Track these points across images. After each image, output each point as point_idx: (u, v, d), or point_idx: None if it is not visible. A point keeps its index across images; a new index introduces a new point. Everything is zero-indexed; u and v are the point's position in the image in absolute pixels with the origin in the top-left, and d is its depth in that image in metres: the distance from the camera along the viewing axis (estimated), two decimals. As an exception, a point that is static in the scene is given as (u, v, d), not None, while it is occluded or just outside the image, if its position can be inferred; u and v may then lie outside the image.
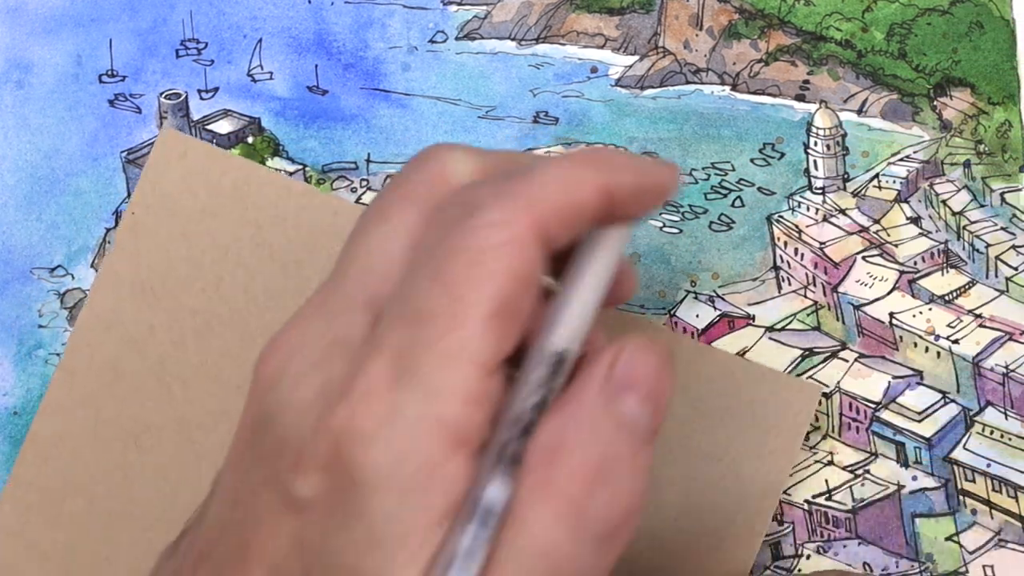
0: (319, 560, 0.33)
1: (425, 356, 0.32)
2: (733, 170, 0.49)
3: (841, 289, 0.49)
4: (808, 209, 0.49)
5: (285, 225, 0.48)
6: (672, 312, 0.49)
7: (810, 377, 0.48)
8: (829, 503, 0.48)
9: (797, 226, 0.49)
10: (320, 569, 0.33)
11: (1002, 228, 0.49)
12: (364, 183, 0.50)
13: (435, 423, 0.32)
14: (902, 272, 0.49)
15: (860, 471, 0.48)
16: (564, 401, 0.33)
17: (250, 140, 0.50)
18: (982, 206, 0.49)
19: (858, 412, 0.48)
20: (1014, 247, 0.49)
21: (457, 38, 0.50)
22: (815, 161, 0.49)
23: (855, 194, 0.49)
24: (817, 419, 0.48)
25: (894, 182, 0.49)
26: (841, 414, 0.48)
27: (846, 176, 0.49)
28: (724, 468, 0.47)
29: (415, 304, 0.33)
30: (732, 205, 0.49)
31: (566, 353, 0.33)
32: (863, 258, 0.49)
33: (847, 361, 0.48)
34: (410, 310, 0.33)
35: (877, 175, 0.49)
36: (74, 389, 0.48)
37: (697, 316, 0.48)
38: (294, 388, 0.34)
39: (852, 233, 0.49)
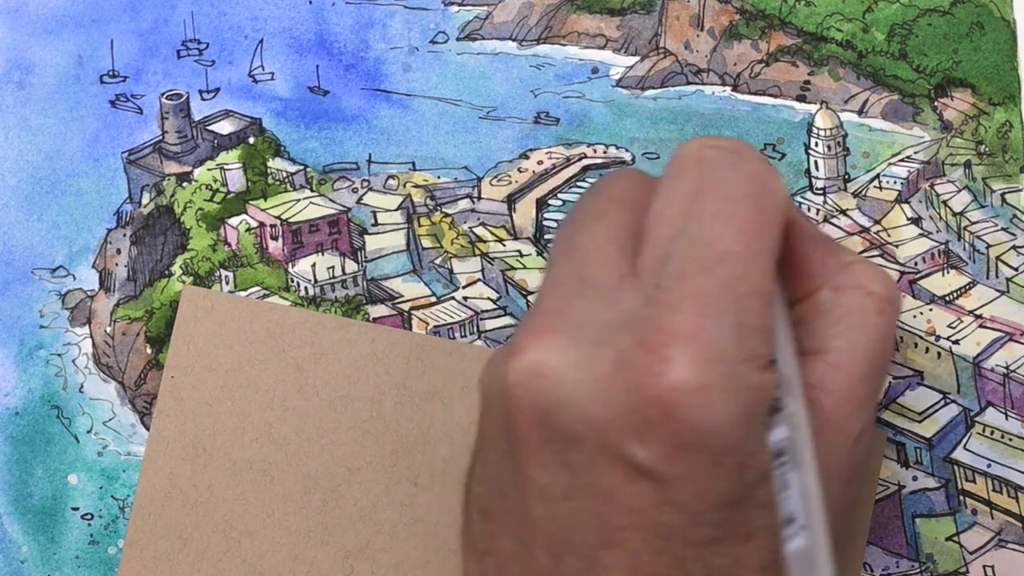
0: (692, 519, 0.34)
1: (729, 296, 0.34)
2: (734, 171, 0.49)
3: (842, 289, 0.49)
4: (809, 210, 0.49)
5: (325, 361, 0.48)
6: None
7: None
8: (830, 503, 0.48)
9: (798, 227, 0.49)
10: (693, 526, 0.35)
11: (1003, 229, 0.49)
12: (365, 183, 0.50)
13: (755, 357, 0.34)
14: (903, 273, 0.49)
15: (861, 471, 0.48)
16: None
17: (251, 141, 0.50)
18: (983, 207, 0.49)
19: (859, 412, 0.48)
20: (1014, 248, 0.49)
21: (458, 38, 0.50)
22: (816, 162, 0.49)
23: (856, 195, 0.49)
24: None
25: (895, 183, 0.49)
26: (842, 414, 0.48)
27: (847, 177, 0.49)
28: None
29: (709, 247, 0.35)
30: (733, 206, 0.49)
31: None
32: (864, 259, 0.49)
33: (848, 361, 0.48)
34: (705, 254, 0.34)
35: (878, 176, 0.49)
36: (144, 563, 0.47)
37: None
38: (586, 368, 0.35)
39: (853, 234, 0.49)
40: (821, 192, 0.49)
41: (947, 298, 0.48)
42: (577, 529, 0.35)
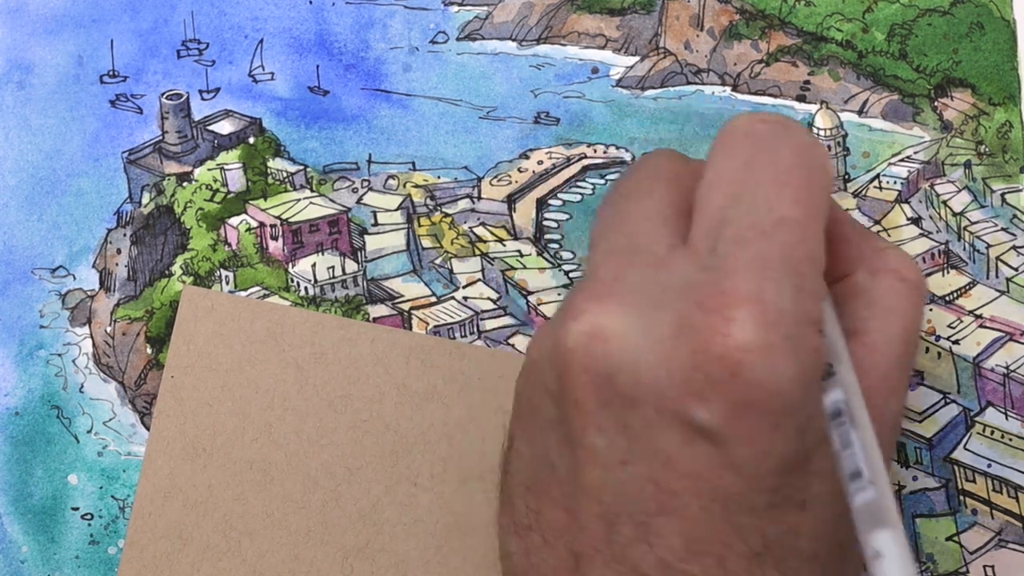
0: (751, 483, 0.35)
1: (788, 260, 0.35)
2: (734, 171, 0.49)
3: (842, 289, 0.49)
4: (809, 210, 0.49)
5: (325, 361, 0.48)
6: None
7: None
8: (830, 503, 0.48)
9: (798, 227, 0.49)
10: (757, 489, 0.35)
11: (1002, 229, 0.49)
12: (365, 183, 0.50)
13: (812, 321, 0.35)
14: (903, 273, 0.49)
15: (861, 471, 0.48)
16: None
17: (251, 141, 0.50)
18: (983, 207, 0.49)
19: (859, 412, 0.48)
20: (1014, 248, 0.49)
21: (458, 38, 0.50)
22: (816, 162, 0.49)
23: (856, 195, 0.49)
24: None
25: (895, 183, 0.49)
26: (842, 414, 0.48)
27: (847, 177, 0.49)
28: None
29: (767, 214, 0.35)
30: (733, 206, 0.49)
31: None
32: (864, 259, 0.49)
33: (848, 361, 0.48)
34: (763, 220, 0.35)
35: (878, 176, 0.49)
36: (144, 563, 0.47)
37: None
38: (646, 332, 0.35)
39: (853, 234, 0.49)
40: (821, 192, 0.49)
41: (947, 298, 0.48)
42: (633, 496, 0.35)
